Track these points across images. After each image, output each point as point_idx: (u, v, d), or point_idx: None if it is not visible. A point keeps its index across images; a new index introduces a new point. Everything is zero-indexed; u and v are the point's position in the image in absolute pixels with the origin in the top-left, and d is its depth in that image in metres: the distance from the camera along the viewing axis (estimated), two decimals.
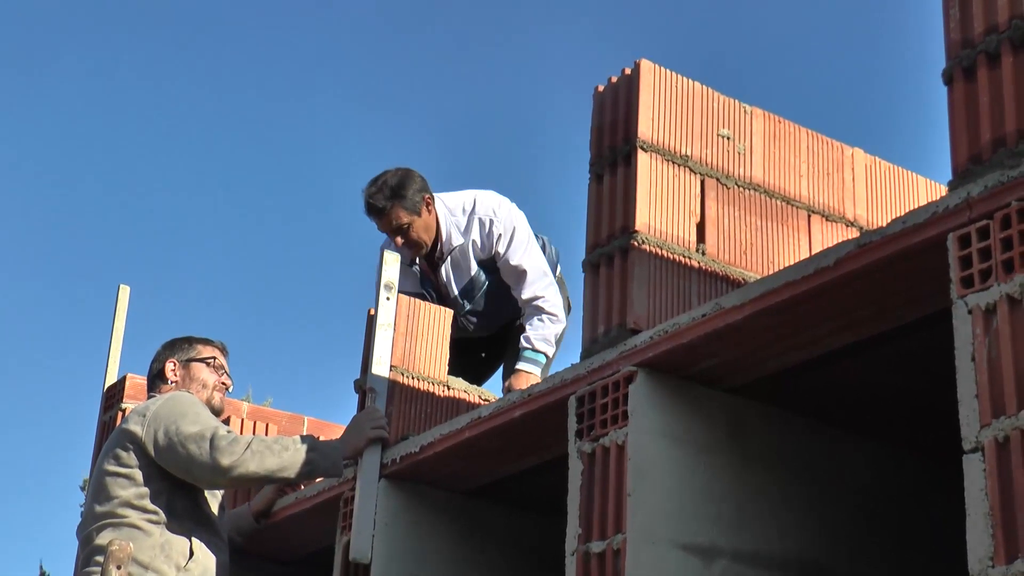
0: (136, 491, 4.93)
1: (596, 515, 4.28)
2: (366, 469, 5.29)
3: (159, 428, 4.99)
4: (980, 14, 3.58)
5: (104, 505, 4.94)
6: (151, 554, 4.81)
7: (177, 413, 5.03)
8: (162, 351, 5.51)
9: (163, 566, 4.82)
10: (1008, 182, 3.32)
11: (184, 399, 5.16)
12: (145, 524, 4.88)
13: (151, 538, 4.85)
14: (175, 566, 4.85)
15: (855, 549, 4.64)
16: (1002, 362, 3.22)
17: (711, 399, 4.45)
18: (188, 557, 4.91)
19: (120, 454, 5.00)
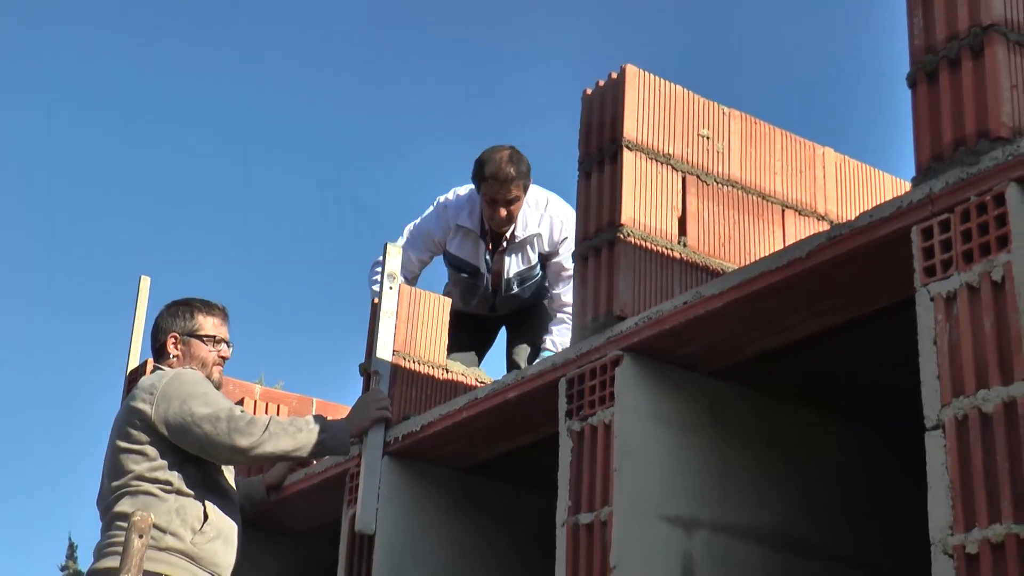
0: (149, 464, 4.88)
1: (585, 489, 4.29)
2: (370, 446, 5.30)
3: (169, 408, 4.92)
4: (942, 22, 3.58)
5: (119, 479, 4.90)
6: (167, 518, 4.78)
7: (186, 393, 4.95)
8: (164, 319, 5.35)
9: (180, 529, 4.79)
10: (968, 179, 3.33)
11: (189, 377, 5.06)
12: (159, 492, 4.84)
13: (166, 503, 4.82)
14: (191, 529, 4.82)
15: (827, 521, 4.65)
16: (961, 346, 3.25)
17: (693, 381, 4.46)
18: (203, 520, 4.86)
19: (130, 432, 4.94)
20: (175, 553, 4.77)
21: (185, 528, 4.82)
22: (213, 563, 4.89)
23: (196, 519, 4.86)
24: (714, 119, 4.92)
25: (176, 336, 5.29)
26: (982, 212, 3.27)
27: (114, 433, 5.03)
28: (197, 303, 5.41)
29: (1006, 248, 3.20)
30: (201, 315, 5.37)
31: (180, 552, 4.78)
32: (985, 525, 3.07)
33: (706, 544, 4.33)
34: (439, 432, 5.18)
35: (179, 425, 4.89)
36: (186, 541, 4.80)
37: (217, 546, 4.92)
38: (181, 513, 4.84)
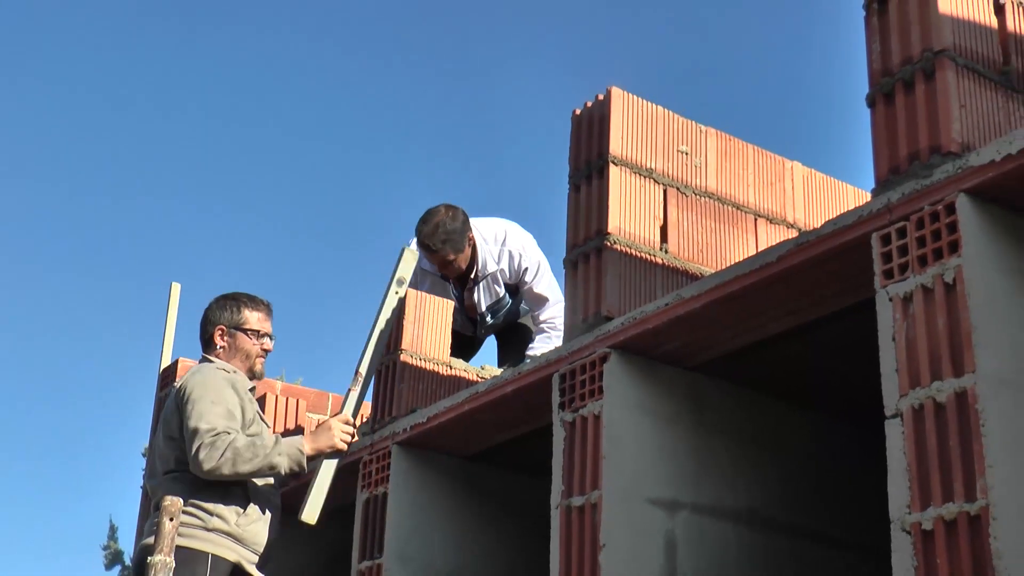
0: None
1: (576, 475, 4.29)
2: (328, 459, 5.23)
3: (181, 406, 4.90)
4: (897, 48, 3.60)
5: (168, 464, 4.91)
6: (214, 502, 4.79)
7: (196, 397, 4.89)
8: (213, 312, 5.31)
9: (225, 512, 4.80)
10: (922, 190, 3.35)
11: (209, 383, 4.97)
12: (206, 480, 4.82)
13: (212, 488, 4.81)
14: (235, 512, 4.82)
15: (795, 501, 4.65)
16: (917, 342, 3.27)
17: (674, 376, 4.46)
18: (247, 504, 4.88)
19: (171, 421, 4.94)
20: (221, 534, 4.78)
21: (230, 511, 4.83)
22: (255, 542, 4.91)
23: (241, 503, 4.87)
24: (692, 136, 4.94)
25: (223, 328, 5.25)
26: (935, 220, 3.29)
27: (162, 423, 5.02)
28: (244, 298, 5.36)
29: (957, 253, 3.22)
30: (247, 310, 5.32)
31: (226, 533, 4.79)
32: (939, 504, 3.09)
33: (686, 523, 4.33)
34: (443, 423, 5.18)
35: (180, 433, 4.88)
36: (231, 523, 4.82)
37: (259, 527, 4.94)
38: (227, 497, 4.84)
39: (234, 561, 4.78)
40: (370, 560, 5.31)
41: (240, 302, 5.33)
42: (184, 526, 4.64)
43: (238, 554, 4.81)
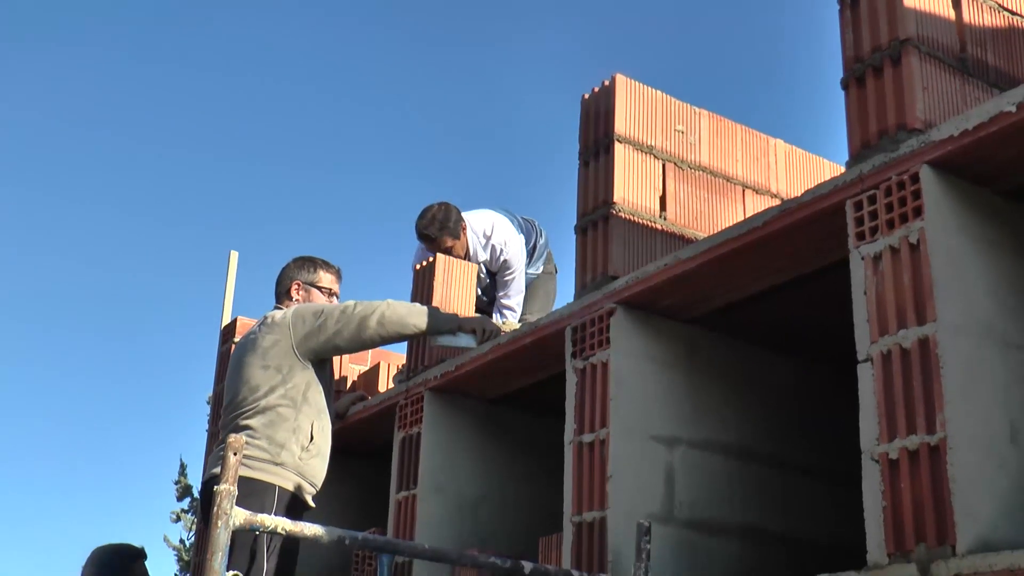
0: (281, 379, 4.82)
1: (587, 414, 4.31)
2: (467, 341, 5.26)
3: (305, 322, 4.87)
4: (867, 36, 3.60)
5: (255, 392, 4.83)
6: (285, 435, 4.75)
7: (314, 307, 4.94)
8: (291, 269, 5.30)
9: (293, 446, 4.75)
10: (890, 162, 3.36)
11: (311, 304, 5.05)
12: (284, 410, 4.78)
13: (287, 422, 4.77)
14: (300, 447, 4.77)
15: (779, 436, 4.67)
16: (886, 295, 3.29)
17: (672, 327, 4.47)
18: (310, 439, 4.82)
19: (269, 352, 4.87)
20: (287, 467, 4.73)
21: (297, 446, 4.76)
22: (313, 476, 4.86)
23: (306, 438, 4.81)
24: (687, 117, 4.93)
25: (299, 283, 5.24)
26: (901, 188, 3.31)
27: (253, 354, 4.92)
28: (320, 260, 5.37)
29: (920, 217, 3.23)
30: (322, 270, 5.33)
31: (291, 466, 4.75)
32: (904, 436, 3.12)
33: (683, 457, 4.35)
34: (470, 371, 5.20)
35: (314, 328, 4.85)
36: (295, 457, 4.75)
37: (317, 462, 4.88)
38: (296, 432, 4.77)
39: (294, 491, 4.76)
40: (406, 491, 5.33)
41: (316, 263, 5.34)
42: (254, 459, 4.63)
43: (299, 486, 4.78)
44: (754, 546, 4.45)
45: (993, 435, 3.14)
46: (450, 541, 5.17)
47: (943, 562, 2.95)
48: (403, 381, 5.61)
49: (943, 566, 2.94)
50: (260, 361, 4.89)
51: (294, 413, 4.79)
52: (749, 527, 4.47)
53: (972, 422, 3.10)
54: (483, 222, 6.62)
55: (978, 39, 3.65)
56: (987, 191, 3.37)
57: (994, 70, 3.66)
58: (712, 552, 4.32)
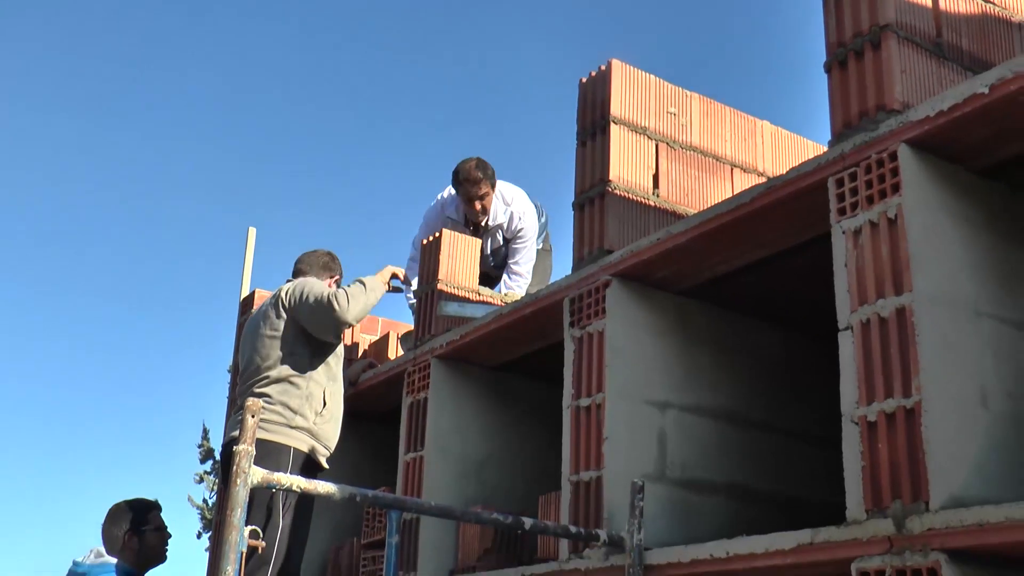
0: (288, 350, 4.92)
1: (584, 380, 4.33)
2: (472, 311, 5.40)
3: (304, 299, 4.95)
4: (849, 22, 3.59)
5: (266, 362, 4.92)
6: (299, 402, 4.84)
7: (316, 286, 5.01)
8: (329, 261, 5.48)
9: (307, 412, 4.84)
10: (870, 141, 3.37)
11: (314, 279, 5.15)
12: (295, 379, 4.87)
13: (300, 390, 4.86)
14: (314, 412, 4.86)
15: (765, 401, 4.68)
16: (865, 267, 3.29)
17: (664, 298, 4.48)
18: (323, 405, 4.92)
19: (276, 322, 4.97)
20: (302, 431, 4.81)
21: (311, 411, 4.85)
22: (326, 438, 4.94)
23: (319, 404, 4.90)
24: (679, 100, 4.93)
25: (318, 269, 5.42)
26: (880, 166, 3.31)
27: (263, 325, 5.02)
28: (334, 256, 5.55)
29: (898, 193, 3.24)
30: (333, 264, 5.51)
31: (305, 430, 4.83)
32: (881, 400, 3.14)
33: (675, 420, 4.37)
34: (474, 339, 5.22)
35: (308, 312, 4.93)
36: (309, 421, 4.84)
37: (330, 426, 4.97)
38: (309, 399, 4.87)
39: (308, 453, 4.82)
40: (414, 452, 5.35)
41: (332, 258, 5.51)
42: (270, 423, 4.69)
43: (313, 448, 4.85)
44: (741, 504, 4.47)
45: (965, 399, 3.15)
46: (455, 500, 5.20)
47: (917, 517, 2.97)
48: (411, 349, 5.63)
49: (917, 521, 2.97)
50: (269, 332, 4.98)
51: (305, 381, 4.88)
52: (737, 486, 4.48)
53: (945, 387, 3.11)
54: (509, 190, 6.62)
55: (953, 25, 3.64)
56: (961, 169, 3.38)
57: (968, 54, 3.66)
58: (702, 509, 4.33)
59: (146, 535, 4.68)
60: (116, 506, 4.84)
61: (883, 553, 3.02)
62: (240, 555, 3.10)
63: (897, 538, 3.00)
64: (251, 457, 3.15)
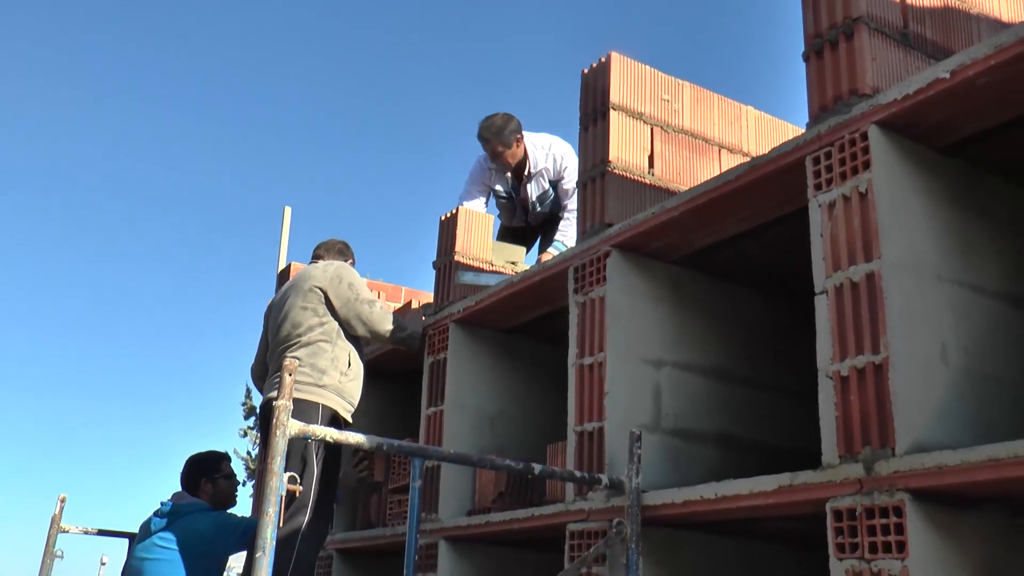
0: (319, 320, 4.96)
1: (587, 341, 4.34)
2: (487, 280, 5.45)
3: (340, 285, 5.02)
4: (825, 16, 3.58)
5: (298, 329, 4.96)
6: (326, 363, 4.87)
7: (355, 279, 5.09)
8: (343, 248, 5.53)
9: (333, 372, 4.87)
10: (843, 122, 3.36)
11: (352, 270, 5.18)
12: (323, 344, 4.91)
13: (326, 353, 4.89)
14: (340, 372, 4.90)
15: (750, 359, 4.69)
16: (839, 237, 3.29)
17: (659, 267, 4.49)
18: (348, 366, 4.95)
19: (309, 296, 5.01)
20: (330, 389, 4.85)
21: (336, 371, 4.89)
22: (351, 396, 4.97)
23: (344, 365, 4.94)
24: (671, 88, 4.92)
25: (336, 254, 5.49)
26: (853, 145, 3.31)
27: (296, 299, 5.06)
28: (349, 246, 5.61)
29: (868, 169, 3.24)
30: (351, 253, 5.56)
31: (332, 388, 4.86)
32: (853, 356, 3.15)
33: (669, 377, 4.38)
34: (488, 305, 5.24)
35: (346, 299, 5.00)
36: (336, 381, 4.88)
37: (354, 385, 5.00)
38: (335, 361, 4.91)
39: (335, 409, 4.85)
40: (434, 407, 5.39)
41: (346, 243, 5.57)
42: (301, 383, 4.73)
43: (339, 404, 4.88)
44: (728, 451, 4.49)
45: (927, 355, 3.16)
46: (472, 448, 5.24)
47: (884, 461, 2.99)
48: (432, 314, 5.66)
49: (884, 465, 2.99)
50: (301, 303, 5.03)
51: (331, 347, 4.93)
52: (724, 435, 4.50)
53: (910, 344, 3.12)
54: (544, 138, 6.53)
55: (918, 17, 3.63)
56: (925, 147, 3.37)
57: (932, 43, 3.64)
58: (693, 456, 4.35)
59: (218, 482, 4.96)
60: (192, 457, 5.07)
61: (854, 494, 3.04)
62: (280, 498, 3.14)
63: (866, 480, 3.02)
64: (289, 411, 3.18)
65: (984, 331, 3.35)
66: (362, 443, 3.41)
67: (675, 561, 4.06)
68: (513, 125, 6.36)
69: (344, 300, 5.00)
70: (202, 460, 5.05)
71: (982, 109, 3.19)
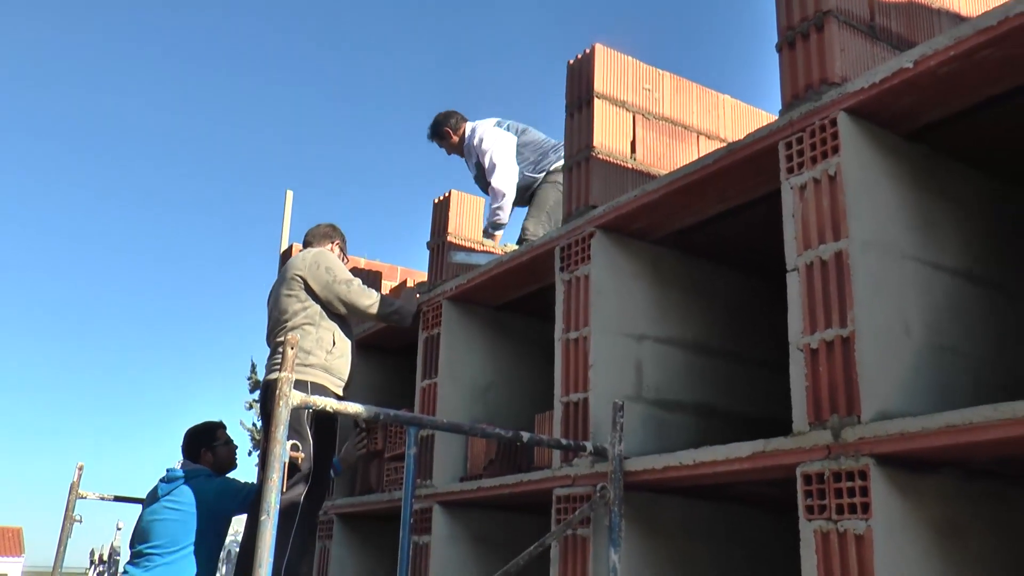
0: (301, 305, 4.97)
1: (572, 316, 4.35)
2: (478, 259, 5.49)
3: (318, 270, 5.02)
4: (797, 9, 3.58)
5: (284, 315, 4.99)
6: (311, 344, 4.89)
7: (332, 262, 5.08)
8: (328, 231, 5.50)
9: (318, 351, 4.89)
10: (814, 110, 3.38)
11: (330, 255, 5.17)
12: (307, 327, 4.93)
13: (311, 335, 4.91)
14: (325, 351, 4.91)
15: (726, 333, 4.71)
16: (809, 217, 3.31)
17: (640, 246, 4.50)
18: (333, 344, 4.97)
19: (291, 283, 5.03)
20: (316, 367, 4.86)
21: (322, 351, 4.91)
22: (339, 372, 4.98)
23: (328, 344, 4.95)
24: (652, 78, 4.93)
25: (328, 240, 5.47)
26: (823, 131, 3.33)
27: (282, 287, 5.08)
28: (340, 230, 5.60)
29: (837, 154, 3.26)
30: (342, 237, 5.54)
31: (319, 366, 4.87)
32: (822, 330, 3.17)
33: (650, 350, 4.40)
34: (479, 283, 5.25)
35: (324, 282, 5.00)
36: (322, 359, 4.89)
37: (341, 362, 5.01)
38: (320, 341, 4.92)
39: (324, 384, 4.87)
40: (429, 379, 5.40)
41: (332, 225, 5.56)
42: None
43: (328, 381, 4.89)
44: (705, 420, 4.51)
45: (891, 329, 3.19)
46: (464, 418, 5.25)
47: (851, 428, 3.02)
48: (426, 291, 5.67)
49: (851, 431, 3.02)
50: (286, 290, 5.06)
51: (315, 328, 4.96)
52: (702, 405, 4.53)
53: (875, 318, 3.14)
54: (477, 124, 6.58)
55: (884, 11, 3.64)
56: (890, 133, 3.39)
57: (896, 35, 3.65)
58: (672, 425, 4.38)
59: (217, 449, 5.03)
60: (190, 429, 5.12)
61: (823, 459, 3.07)
62: (283, 465, 3.17)
63: (834, 446, 3.05)
64: (291, 382, 3.21)
65: (943, 306, 3.38)
66: (360, 413, 3.43)
67: (655, 523, 4.09)
68: (452, 119, 6.61)
69: (323, 283, 5.02)
70: (200, 431, 5.13)
71: (943, 97, 3.21)
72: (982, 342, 3.46)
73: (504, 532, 5.20)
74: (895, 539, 2.93)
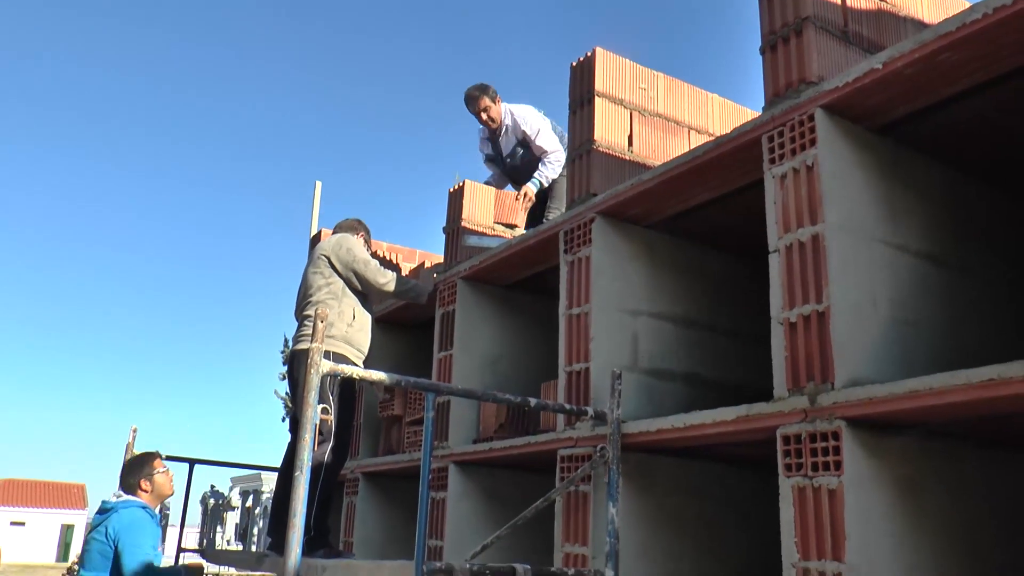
0: (325, 281, 4.99)
1: (574, 294, 4.36)
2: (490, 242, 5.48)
3: (340, 248, 5.04)
4: (779, 16, 3.59)
5: (310, 290, 5.01)
6: (333, 316, 4.89)
7: (354, 245, 5.09)
8: (355, 223, 5.48)
9: (339, 323, 4.90)
10: (793, 106, 3.39)
11: (355, 239, 5.18)
12: (331, 301, 4.94)
13: (333, 308, 4.92)
14: (346, 323, 4.92)
15: (713, 307, 4.71)
16: (789, 203, 3.32)
17: (635, 231, 4.51)
18: (353, 318, 4.97)
19: (318, 262, 5.05)
20: (337, 339, 4.87)
21: (343, 323, 4.91)
22: (359, 344, 4.98)
23: (349, 317, 4.95)
24: (648, 78, 4.92)
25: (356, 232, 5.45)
26: (801, 125, 3.34)
27: (310, 266, 5.11)
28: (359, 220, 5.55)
29: (814, 146, 3.27)
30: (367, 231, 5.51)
31: (340, 337, 4.88)
32: (801, 305, 3.19)
33: (645, 324, 4.41)
34: (491, 264, 5.27)
35: (345, 261, 5.01)
36: (342, 330, 4.90)
37: (362, 334, 5.02)
38: (341, 314, 4.93)
39: (344, 354, 4.87)
40: (445, 351, 5.42)
41: (359, 220, 5.52)
42: (310, 335, 4.79)
43: (347, 351, 4.90)
44: (694, 388, 4.53)
45: (861, 304, 3.21)
46: (477, 386, 5.28)
47: (825, 394, 3.05)
48: (443, 272, 5.70)
49: (825, 397, 3.04)
50: (313, 269, 5.09)
51: (336, 302, 4.96)
52: (691, 374, 4.54)
53: (847, 295, 3.16)
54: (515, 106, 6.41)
55: (856, 18, 3.64)
56: (862, 127, 3.40)
57: (867, 39, 3.66)
58: (665, 392, 4.40)
59: (154, 478, 4.72)
60: (126, 462, 4.90)
61: (800, 422, 3.10)
62: (315, 427, 3.22)
63: (810, 410, 3.08)
64: (322, 352, 3.25)
65: (907, 284, 3.39)
66: (384, 380, 3.47)
67: (649, 480, 4.12)
68: (492, 89, 6.34)
69: (344, 262, 5.04)
70: (135, 463, 4.78)
71: (908, 95, 3.22)
72: (940, 316, 3.48)
73: (513, 488, 5.22)
74: (863, 494, 2.96)
